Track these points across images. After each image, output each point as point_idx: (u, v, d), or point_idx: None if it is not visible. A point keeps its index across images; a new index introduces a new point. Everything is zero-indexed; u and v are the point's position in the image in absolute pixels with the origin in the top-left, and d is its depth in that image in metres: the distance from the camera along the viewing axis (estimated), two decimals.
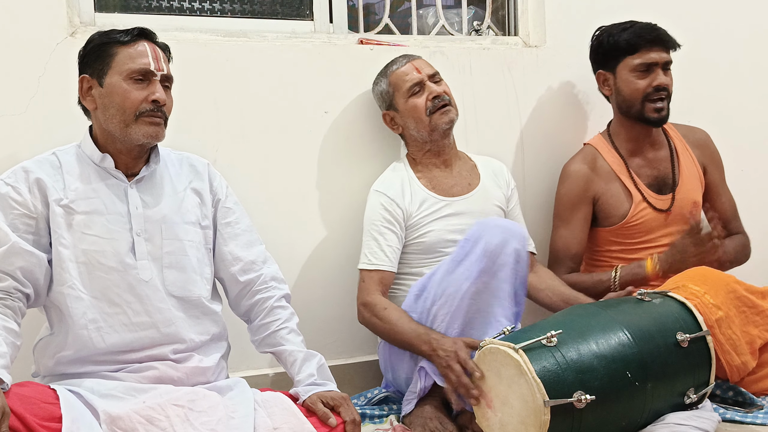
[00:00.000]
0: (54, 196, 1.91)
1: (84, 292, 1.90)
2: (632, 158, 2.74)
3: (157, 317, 1.94)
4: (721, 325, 2.20)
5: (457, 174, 2.56)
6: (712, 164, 2.82)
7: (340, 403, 1.93)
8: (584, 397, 1.80)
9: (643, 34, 2.63)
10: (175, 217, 2.01)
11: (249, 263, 2.12)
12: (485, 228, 2.17)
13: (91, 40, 1.98)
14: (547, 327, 1.92)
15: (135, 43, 1.95)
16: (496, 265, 2.13)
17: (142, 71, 1.93)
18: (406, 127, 2.54)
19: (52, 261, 1.91)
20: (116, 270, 1.92)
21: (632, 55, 2.64)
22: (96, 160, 1.97)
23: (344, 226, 2.67)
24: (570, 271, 2.71)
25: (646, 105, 2.63)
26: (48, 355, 1.92)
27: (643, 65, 2.63)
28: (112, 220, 1.94)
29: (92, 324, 1.89)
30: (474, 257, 2.14)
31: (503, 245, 2.13)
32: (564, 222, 2.73)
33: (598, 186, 2.70)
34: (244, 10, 2.72)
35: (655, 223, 2.69)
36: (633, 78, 2.64)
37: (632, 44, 2.63)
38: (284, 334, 2.08)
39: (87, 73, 1.96)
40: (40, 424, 1.65)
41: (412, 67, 2.50)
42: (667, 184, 2.73)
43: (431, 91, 2.48)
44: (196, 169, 2.12)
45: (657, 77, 2.62)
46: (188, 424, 1.78)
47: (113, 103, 1.93)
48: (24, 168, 1.93)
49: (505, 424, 1.88)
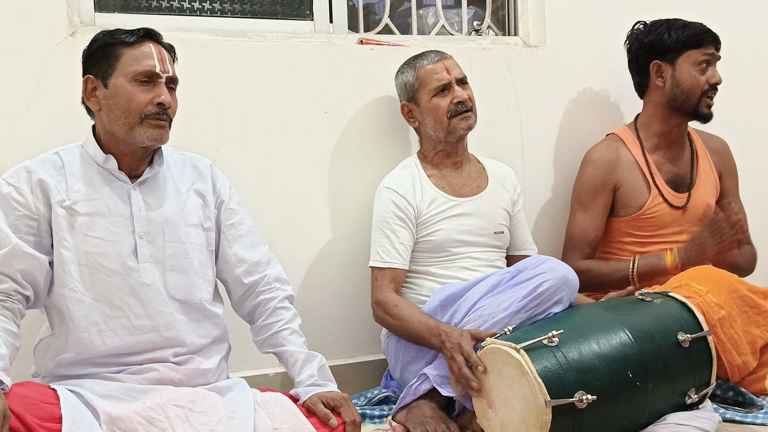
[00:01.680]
0: (56, 197, 1.89)
1: (86, 295, 1.88)
2: (654, 153, 2.77)
3: (158, 321, 1.93)
4: (723, 324, 2.21)
5: (467, 175, 2.56)
6: (727, 173, 2.87)
7: (341, 404, 1.93)
8: (585, 397, 1.80)
9: (705, 30, 2.69)
10: (178, 219, 2.00)
11: (253, 264, 2.12)
12: (544, 267, 2.14)
13: (96, 39, 1.96)
14: (548, 327, 1.93)
15: (140, 45, 1.93)
16: (539, 308, 2.10)
17: (148, 73, 1.92)
18: (423, 123, 2.53)
19: (54, 263, 1.90)
20: (118, 273, 1.91)
21: (697, 50, 2.68)
22: (99, 161, 1.95)
23: (344, 226, 2.66)
24: (586, 257, 2.72)
25: (703, 100, 2.69)
26: (48, 357, 1.91)
27: (704, 60, 2.67)
28: (114, 223, 1.93)
29: (93, 327, 1.88)
30: (521, 291, 2.12)
31: (555, 292, 2.11)
32: (584, 207, 2.74)
33: (619, 174, 2.73)
34: (244, 10, 2.72)
35: (668, 219, 2.71)
36: (695, 72, 2.68)
37: (698, 38, 2.68)
38: (286, 335, 2.08)
39: (92, 73, 1.94)
40: (40, 425, 1.64)
41: (443, 66, 2.49)
42: (684, 182, 2.76)
43: (457, 95, 2.46)
44: (199, 170, 2.11)
45: (715, 74, 2.68)
46: (188, 425, 1.78)
47: (118, 105, 1.91)
48: (26, 168, 1.91)
49: (506, 424, 1.88)
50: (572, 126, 2.95)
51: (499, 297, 2.16)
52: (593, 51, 2.89)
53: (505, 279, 2.20)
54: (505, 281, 2.20)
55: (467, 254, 2.48)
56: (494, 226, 2.53)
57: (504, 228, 2.56)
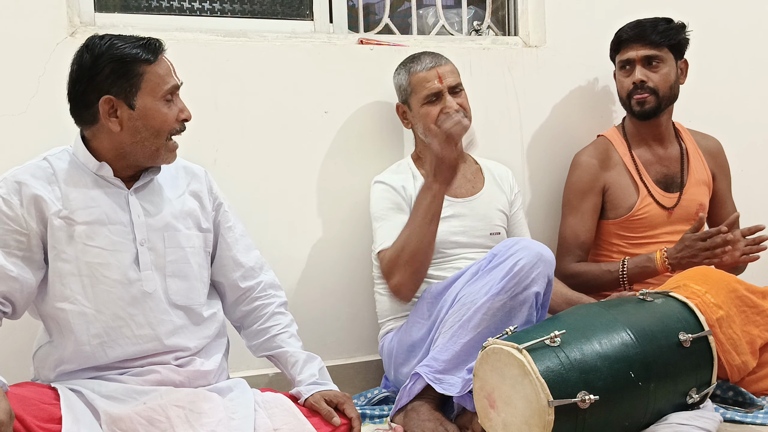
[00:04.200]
0: (52, 209, 1.83)
1: (87, 307, 1.85)
2: (642, 153, 2.78)
3: (159, 329, 1.91)
4: (721, 324, 2.21)
5: (462, 176, 2.55)
6: (721, 173, 2.87)
7: (344, 401, 1.93)
8: (588, 397, 1.79)
9: (623, 32, 2.73)
10: (177, 223, 1.97)
11: (249, 269, 2.12)
12: (517, 247, 2.13)
13: (99, 55, 1.83)
14: (549, 327, 1.92)
15: (159, 61, 1.88)
16: (519, 287, 2.09)
17: (172, 89, 1.90)
18: (415, 126, 2.54)
19: (49, 277, 1.85)
20: (120, 283, 1.88)
21: (619, 53, 2.74)
22: (92, 168, 1.90)
23: (344, 225, 2.66)
24: (578, 260, 2.73)
25: (631, 101, 2.71)
26: (48, 367, 1.89)
27: (622, 63, 2.73)
28: (114, 231, 1.89)
29: (95, 339, 1.85)
30: (498, 273, 2.10)
31: (531, 269, 2.09)
32: (573, 210, 2.75)
33: (608, 176, 2.75)
34: (244, 10, 2.72)
35: (658, 220, 2.72)
36: (621, 76, 2.75)
37: (617, 43, 2.75)
38: (285, 338, 2.08)
39: (111, 93, 1.83)
40: (40, 426, 1.64)
41: (435, 74, 2.46)
42: (675, 183, 2.77)
43: (447, 104, 2.45)
44: (192, 171, 2.09)
45: (639, 73, 2.68)
46: (188, 425, 1.78)
47: (147, 126, 1.86)
48: (17, 180, 1.83)
49: (508, 424, 1.88)
50: (572, 126, 2.96)
51: (478, 283, 2.15)
52: (593, 51, 2.89)
53: (482, 266, 2.19)
54: (482, 267, 2.18)
55: (462, 255, 2.48)
56: (490, 228, 2.53)
57: (500, 229, 2.56)
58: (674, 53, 2.71)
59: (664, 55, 2.68)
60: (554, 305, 2.47)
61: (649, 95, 2.67)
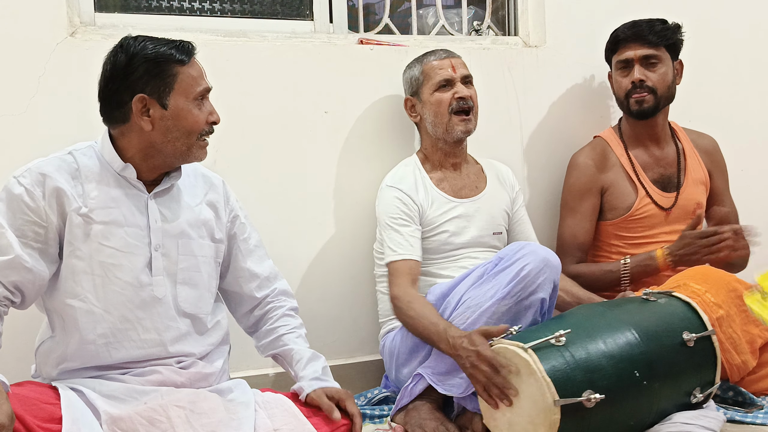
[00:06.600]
0: (73, 205, 1.83)
1: (96, 306, 1.85)
2: (639, 154, 2.78)
3: (165, 335, 1.91)
4: (722, 323, 2.22)
5: (465, 176, 2.56)
6: (717, 171, 2.88)
7: (346, 398, 1.93)
8: (594, 396, 1.79)
9: (620, 33, 2.73)
10: (192, 232, 1.97)
11: (264, 279, 2.13)
12: (523, 251, 2.12)
13: (134, 54, 1.85)
14: (554, 326, 1.92)
15: (192, 63, 1.90)
16: (524, 292, 2.08)
17: (204, 92, 1.91)
18: (423, 118, 2.53)
19: (62, 272, 1.85)
20: (131, 285, 1.87)
21: (616, 54, 2.74)
22: (117, 168, 1.89)
23: (344, 225, 2.66)
24: (578, 261, 2.73)
25: (629, 100, 2.71)
26: (51, 364, 1.88)
27: (620, 63, 2.73)
28: (131, 233, 1.88)
29: (101, 339, 1.85)
30: (505, 277, 2.10)
31: (538, 274, 2.08)
32: (571, 211, 2.76)
33: (605, 177, 2.75)
34: (244, 10, 2.71)
35: (656, 220, 2.72)
36: (618, 76, 2.75)
37: (614, 44, 2.75)
38: (293, 338, 2.09)
39: (145, 92, 1.84)
40: (40, 426, 1.64)
41: (449, 63, 2.50)
42: (672, 182, 2.76)
43: (458, 90, 2.47)
44: (210, 181, 2.09)
45: (637, 72, 2.68)
46: (189, 426, 1.77)
47: (179, 126, 1.87)
48: (41, 172, 1.83)
49: (513, 423, 1.88)
50: (572, 126, 2.96)
51: (483, 287, 2.14)
52: (593, 51, 2.89)
53: (488, 269, 2.18)
54: (488, 271, 2.18)
55: (466, 255, 2.48)
56: (493, 227, 2.53)
57: (503, 228, 2.57)
58: (671, 53, 2.72)
59: (661, 55, 2.69)
60: (565, 305, 2.45)
61: (648, 94, 2.68)
